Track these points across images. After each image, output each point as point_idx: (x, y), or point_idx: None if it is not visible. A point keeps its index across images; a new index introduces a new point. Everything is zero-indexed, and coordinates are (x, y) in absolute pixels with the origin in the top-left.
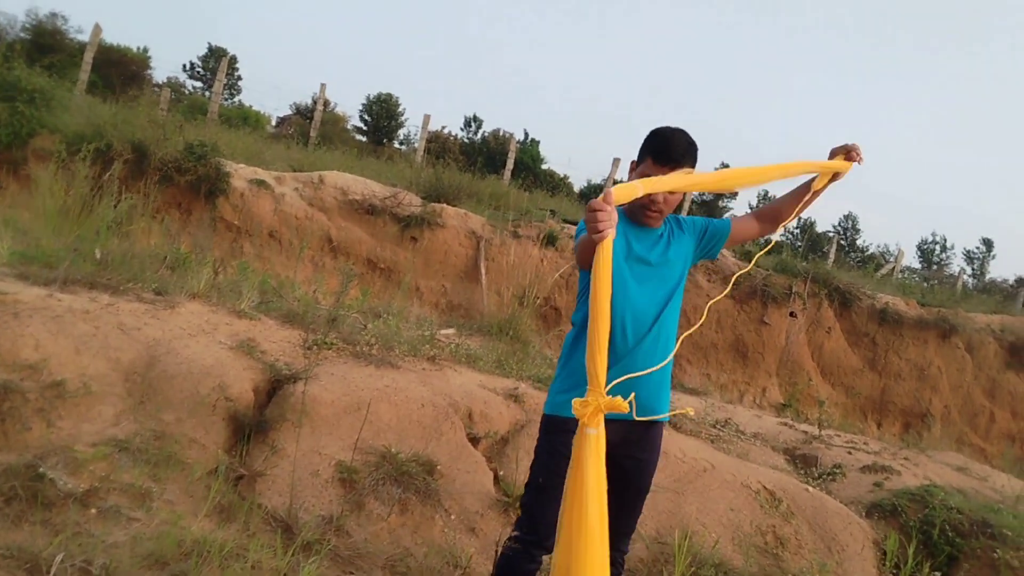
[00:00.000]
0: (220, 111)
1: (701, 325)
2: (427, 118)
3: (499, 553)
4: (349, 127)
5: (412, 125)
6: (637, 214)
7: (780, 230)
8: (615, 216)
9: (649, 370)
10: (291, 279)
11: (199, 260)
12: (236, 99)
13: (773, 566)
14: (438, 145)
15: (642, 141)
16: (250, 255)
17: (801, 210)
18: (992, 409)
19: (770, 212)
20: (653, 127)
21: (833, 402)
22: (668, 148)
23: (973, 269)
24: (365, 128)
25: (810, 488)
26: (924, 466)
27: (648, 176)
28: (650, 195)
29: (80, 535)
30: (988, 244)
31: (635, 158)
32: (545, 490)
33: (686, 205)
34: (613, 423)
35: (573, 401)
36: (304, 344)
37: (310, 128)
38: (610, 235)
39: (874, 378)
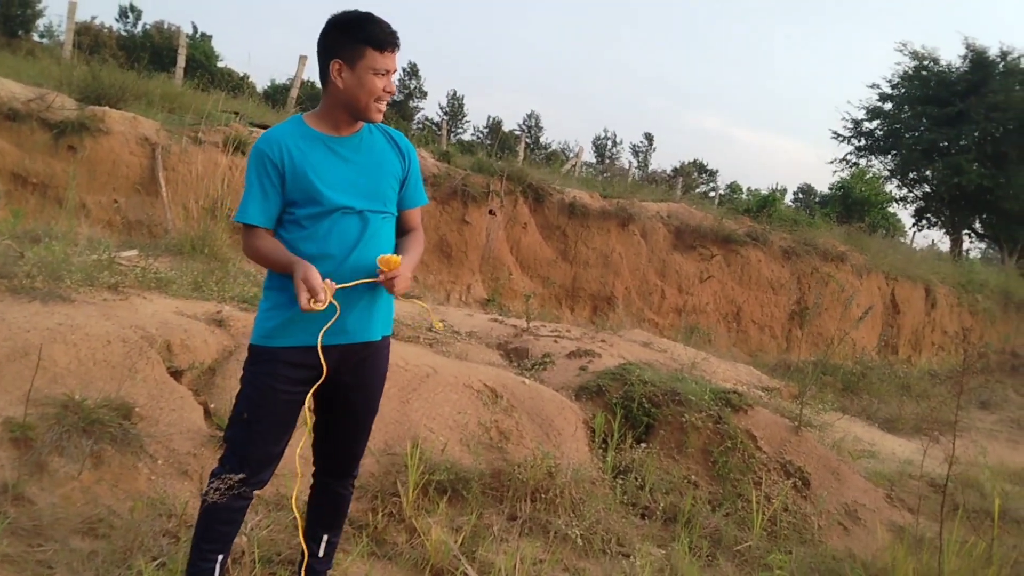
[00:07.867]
0: None
1: None
2: (73, 6)
3: (203, 499)
4: None
5: (54, 15)
6: (370, 110)
7: None
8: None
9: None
10: None
11: None
12: None
13: (499, 459)
14: (90, 39)
15: (333, 35)
16: None
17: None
18: (663, 287)
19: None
20: (332, 16)
21: (532, 293)
22: (384, 32)
23: (639, 161)
24: None
25: (526, 380)
26: (617, 346)
27: (375, 69)
28: (388, 88)
29: None
30: (649, 138)
31: (337, 58)
32: (251, 424)
33: None
34: (333, 348)
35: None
36: None
37: None
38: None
39: (566, 267)
